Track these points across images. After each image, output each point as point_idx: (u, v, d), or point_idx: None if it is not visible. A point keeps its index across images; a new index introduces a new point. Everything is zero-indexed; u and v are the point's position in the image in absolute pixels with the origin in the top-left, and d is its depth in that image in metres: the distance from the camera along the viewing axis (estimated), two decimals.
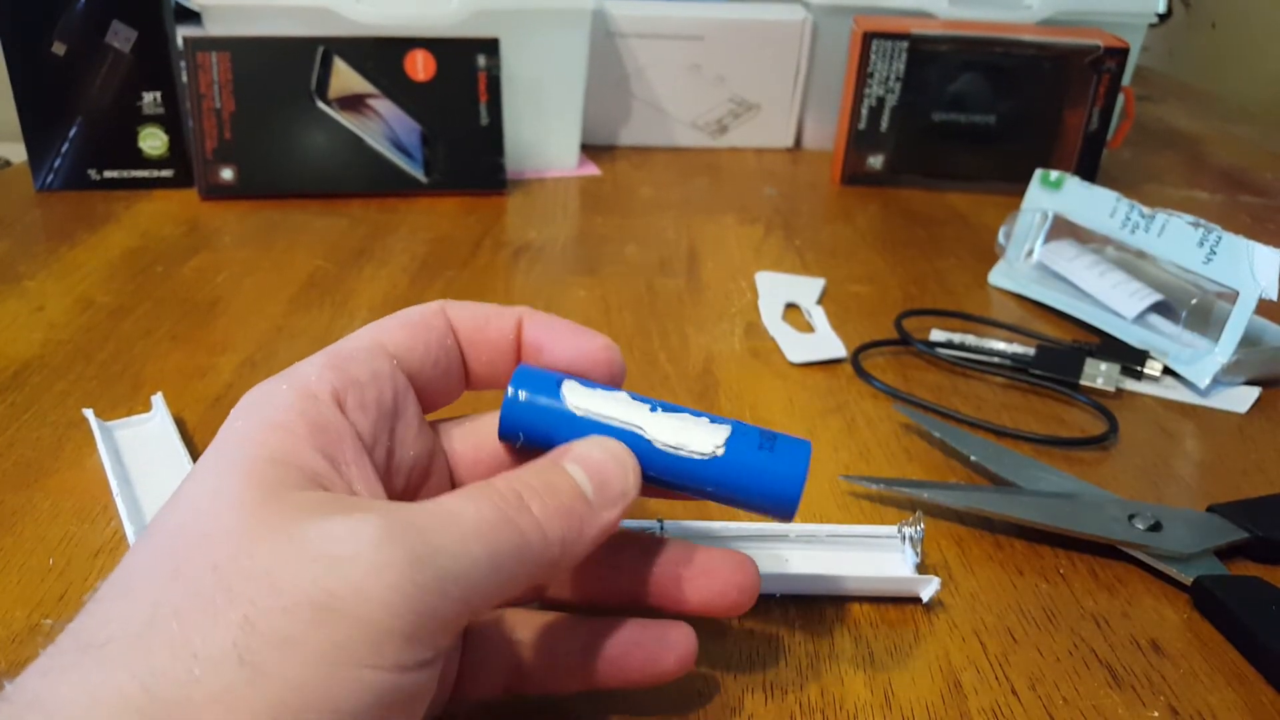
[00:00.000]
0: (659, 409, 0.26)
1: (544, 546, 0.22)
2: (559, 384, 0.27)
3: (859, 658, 0.31)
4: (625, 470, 0.25)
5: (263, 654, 0.18)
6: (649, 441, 0.26)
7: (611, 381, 0.28)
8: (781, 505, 0.26)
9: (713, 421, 0.27)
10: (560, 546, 0.23)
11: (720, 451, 0.26)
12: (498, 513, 0.22)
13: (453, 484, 0.28)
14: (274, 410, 0.23)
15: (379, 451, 0.24)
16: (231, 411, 0.23)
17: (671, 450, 0.26)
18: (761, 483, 0.26)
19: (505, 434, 0.27)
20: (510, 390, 0.26)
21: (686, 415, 0.27)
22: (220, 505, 0.20)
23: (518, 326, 0.28)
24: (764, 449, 0.26)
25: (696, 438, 0.26)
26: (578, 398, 0.26)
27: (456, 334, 0.27)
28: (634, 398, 0.27)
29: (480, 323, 0.27)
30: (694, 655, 0.27)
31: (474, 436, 0.28)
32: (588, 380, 0.27)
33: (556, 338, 0.27)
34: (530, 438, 0.26)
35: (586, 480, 0.24)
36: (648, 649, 0.27)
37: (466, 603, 0.20)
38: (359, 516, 0.20)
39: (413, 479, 0.26)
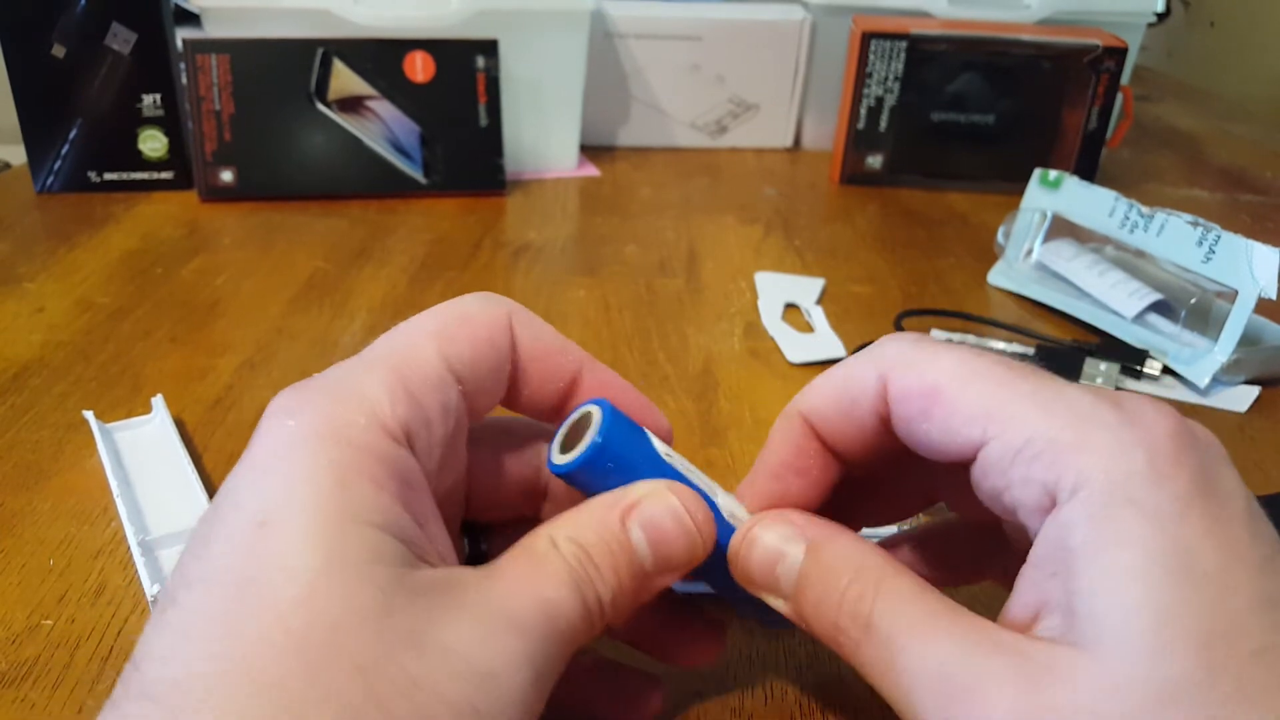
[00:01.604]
0: (721, 490, 0.26)
1: (600, 617, 0.22)
2: (643, 431, 0.25)
3: None
4: (692, 539, 0.23)
5: None
6: (718, 509, 0.25)
7: None
8: (778, 619, 0.25)
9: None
10: (610, 610, 0.22)
11: None
12: (576, 595, 0.21)
13: (466, 492, 0.27)
14: (360, 455, 0.20)
15: (436, 487, 0.23)
16: (284, 428, 0.21)
17: (731, 521, 0.25)
18: None
19: (574, 467, 0.24)
20: (605, 424, 0.24)
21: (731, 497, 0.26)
22: (346, 585, 0.18)
23: (577, 373, 0.26)
24: None
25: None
26: (663, 450, 0.25)
27: (516, 353, 0.25)
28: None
29: (541, 352, 0.25)
30: (722, 648, 0.27)
31: (499, 445, 0.27)
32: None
33: (618, 398, 0.26)
34: (603, 479, 0.24)
35: (648, 551, 0.23)
36: (624, 702, 0.27)
37: (544, 689, 0.21)
38: (495, 627, 0.20)
39: (440, 502, 0.25)
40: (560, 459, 0.24)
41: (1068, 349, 0.50)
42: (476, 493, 0.26)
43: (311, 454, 0.20)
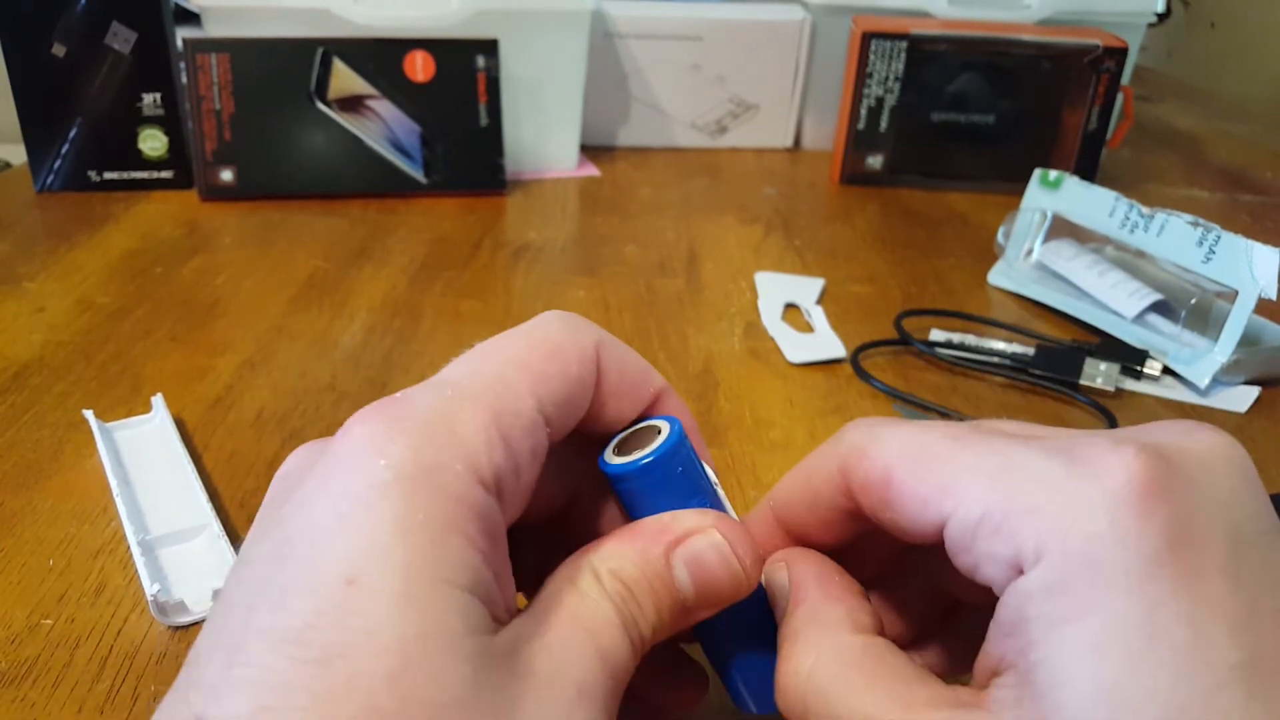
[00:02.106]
0: None
1: (642, 651, 0.22)
2: (702, 463, 0.25)
3: None
4: (736, 579, 0.23)
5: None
6: None
7: None
8: (751, 699, 0.25)
9: None
10: (649, 644, 0.22)
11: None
12: (625, 639, 0.21)
13: None
14: (454, 508, 0.19)
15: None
16: (374, 467, 0.19)
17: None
18: (755, 665, 0.24)
19: (628, 471, 0.23)
20: (673, 441, 0.23)
21: None
22: (439, 661, 0.17)
23: (655, 399, 0.25)
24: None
25: None
26: (715, 479, 0.25)
27: (600, 383, 0.23)
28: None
29: (624, 383, 0.24)
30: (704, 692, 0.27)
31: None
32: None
33: (691, 432, 0.25)
34: (652, 493, 0.24)
35: (691, 589, 0.22)
36: (669, 686, 0.26)
37: None
38: (569, 696, 0.19)
39: None
40: (616, 459, 0.24)
41: (1067, 349, 0.50)
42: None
43: (404, 501, 0.18)
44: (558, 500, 0.26)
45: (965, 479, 0.21)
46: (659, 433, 0.24)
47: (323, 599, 0.17)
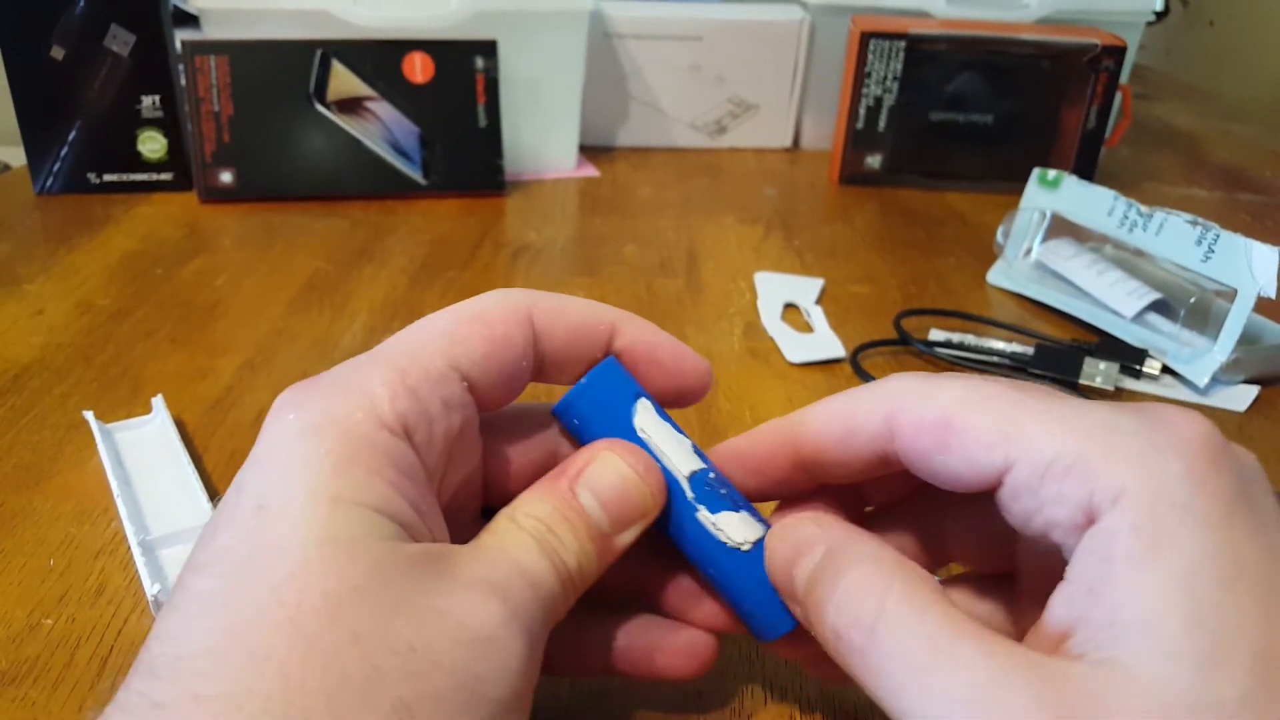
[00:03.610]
0: (712, 473, 0.26)
1: (572, 584, 0.23)
2: (635, 397, 0.25)
3: None
4: (644, 492, 0.24)
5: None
6: (689, 503, 0.25)
7: (690, 400, 0.27)
8: (767, 625, 0.25)
9: (753, 516, 0.26)
10: (579, 576, 0.23)
11: (746, 548, 0.25)
12: (547, 561, 0.22)
13: (482, 483, 0.27)
14: (357, 445, 0.21)
15: (439, 482, 0.23)
16: (285, 422, 0.21)
17: (703, 522, 0.25)
18: (761, 596, 0.25)
19: (558, 412, 0.26)
20: (585, 381, 0.25)
21: (731, 495, 0.26)
22: (339, 558, 0.19)
23: (610, 336, 0.26)
24: None
25: (732, 523, 0.25)
26: (646, 421, 0.25)
27: (539, 342, 0.25)
28: (695, 451, 0.26)
29: (570, 335, 0.25)
30: (713, 660, 0.27)
31: (515, 431, 0.27)
32: (662, 408, 0.26)
33: (654, 351, 0.26)
34: (578, 432, 0.26)
35: (600, 511, 0.23)
36: (671, 653, 0.26)
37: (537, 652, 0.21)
38: (483, 592, 0.20)
39: (456, 492, 0.25)
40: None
41: (1067, 348, 0.50)
42: (494, 479, 0.26)
43: (309, 444, 0.20)
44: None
45: (1033, 423, 0.21)
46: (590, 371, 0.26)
47: (238, 526, 0.20)
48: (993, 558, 0.25)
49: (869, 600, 0.21)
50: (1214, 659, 0.17)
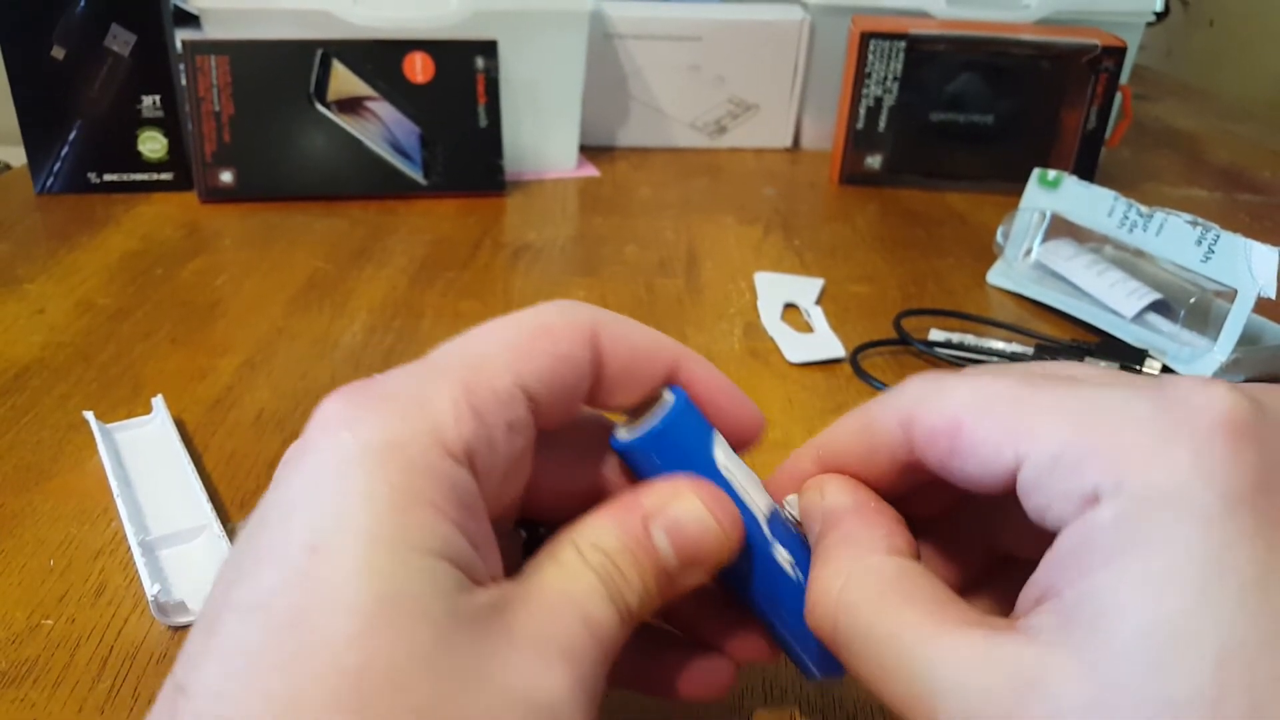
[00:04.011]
0: (781, 510, 0.25)
1: (631, 622, 0.22)
2: (710, 432, 0.24)
3: None
4: (717, 540, 0.23)
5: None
6: (765, 540, 0.24)
7: (741, 449, 0.26)
8: (824, 662, 0.24)
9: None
10: (638, 615, 0.22)
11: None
12: (612, 608, 0.21)
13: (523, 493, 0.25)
14: (421, 478, 0.19)
15: (494, 506, 0.22)
16: (339, 441, 0.19)
17: (778, 560, 0.24)
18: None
19: (627, 449, 0.24)
20: (667, 420, 0.24)
21: (796, 531, 0.25)
22: (402, 621, 0.18)
23: (671, 369, 0.25)
24: None
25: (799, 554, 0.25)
26: (727, 458, 0.24)
27: (602, 364, 0.23)
28: (761, 487, 0.25)
29: (630, 359, 0.24)
30: (730, 686, 0.26)
31: (563, 444, 0.25)
32: (730, 447, 0.25)
33: (714, 393, 0.25)
34: (649, 465, 0.24)
35: (673, 554, 0.22)
36: (697, 678, 0.26)
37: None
38: (548, 657, 0.19)
39: (504, 509, 0.24)
40: (621, 435, 0.24)
41: (1067, 349, 0.50)
42: (536, 493, 0.25)
43: (368, 474, 0.19)
44: (596, 494, 0.26)
45: (1042, 420, 0.20)
46: (662, 403, 0.24)
47: (287, 567, 0.18)
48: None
49: (872, 586, 0.22)
50: (1169, 659, 0.17)
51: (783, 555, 0.24)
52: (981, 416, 0.21)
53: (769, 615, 0.25)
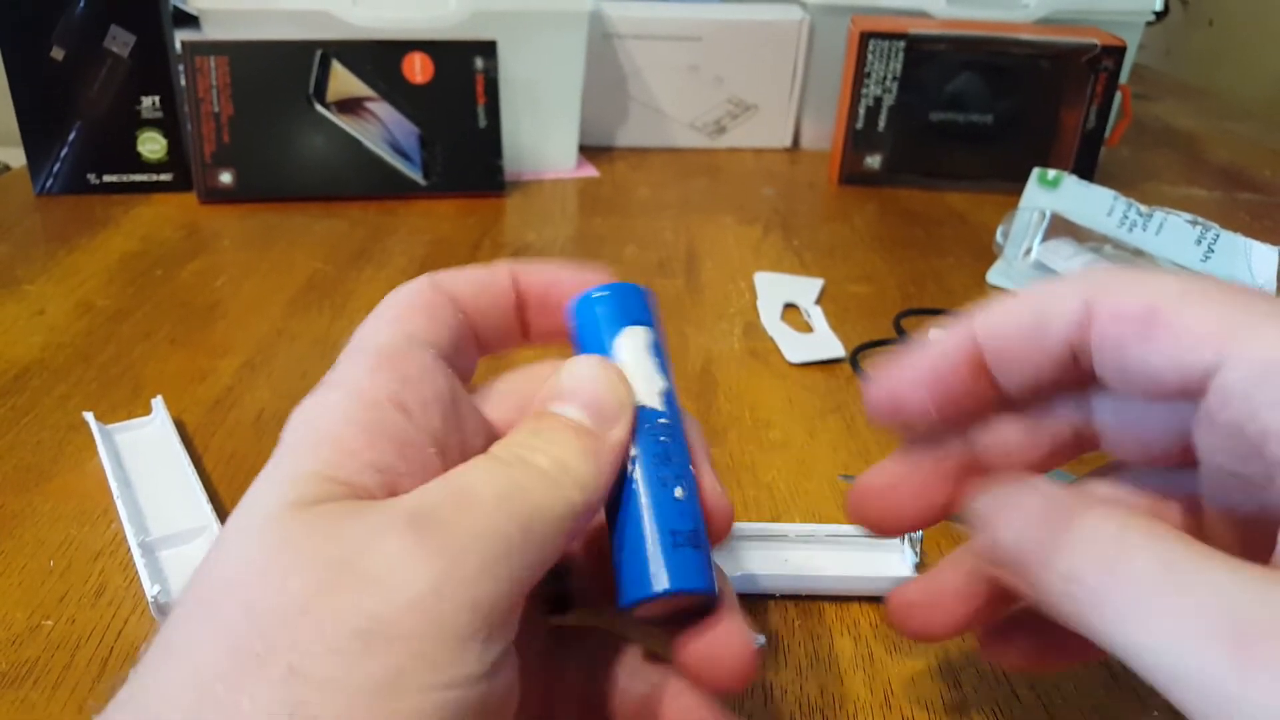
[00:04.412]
0: (664, 419, 0.24)
1: (564, 496, 0.21)
2: (629, 323, 0.25)
3: (859, 658, 0.31)
4: (615, 386, 0.23)
5: (315, 705, 0.16)
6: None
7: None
8: (639, 581, 0.22)
9: (686, 482, 0.23)
10: (579, 488, 0.21)
11: (648, 496, 0.22)
12: (510, 480, 0.20)
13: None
14: (324, 422, 0.20)
15: (452, 448, 0.22)
16: (283, 429, 0.21)
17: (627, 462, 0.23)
18: (646, 550, 0.22)
19: (571, 309, 0.25)
20: (581, 299, 0.25)
21: (672, 451, 0.23)
22: (246, 537, 0.18)
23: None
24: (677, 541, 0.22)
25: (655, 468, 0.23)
26: (627, 352, 0.24)
27: (521, 296, 0.25)
28: (666, 397, 0.24)
29: (546, 285, 0.25)
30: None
31: (514, 395, 0.25)
32: (660, 347, 0.25)
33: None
34: (574, 339, 0.25)
35: (580, 413, 0.22)
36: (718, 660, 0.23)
37: (515, 581, 0.19)
38: (378, 522, 0.18)
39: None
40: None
41: None
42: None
43: (287, 434, 0.21)
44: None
45: (1255, 320, 0.18)
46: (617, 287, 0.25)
47: (215, 541, 0.20)
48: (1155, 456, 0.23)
49: (1109, 540, 0.19)
50: None
51: (636, 455, 0.23)
52: (1184, 306, 0.19)
53: (610, 521, 0.23)
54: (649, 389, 0.24)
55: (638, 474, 0.23)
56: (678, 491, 0.22)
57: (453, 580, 0.18)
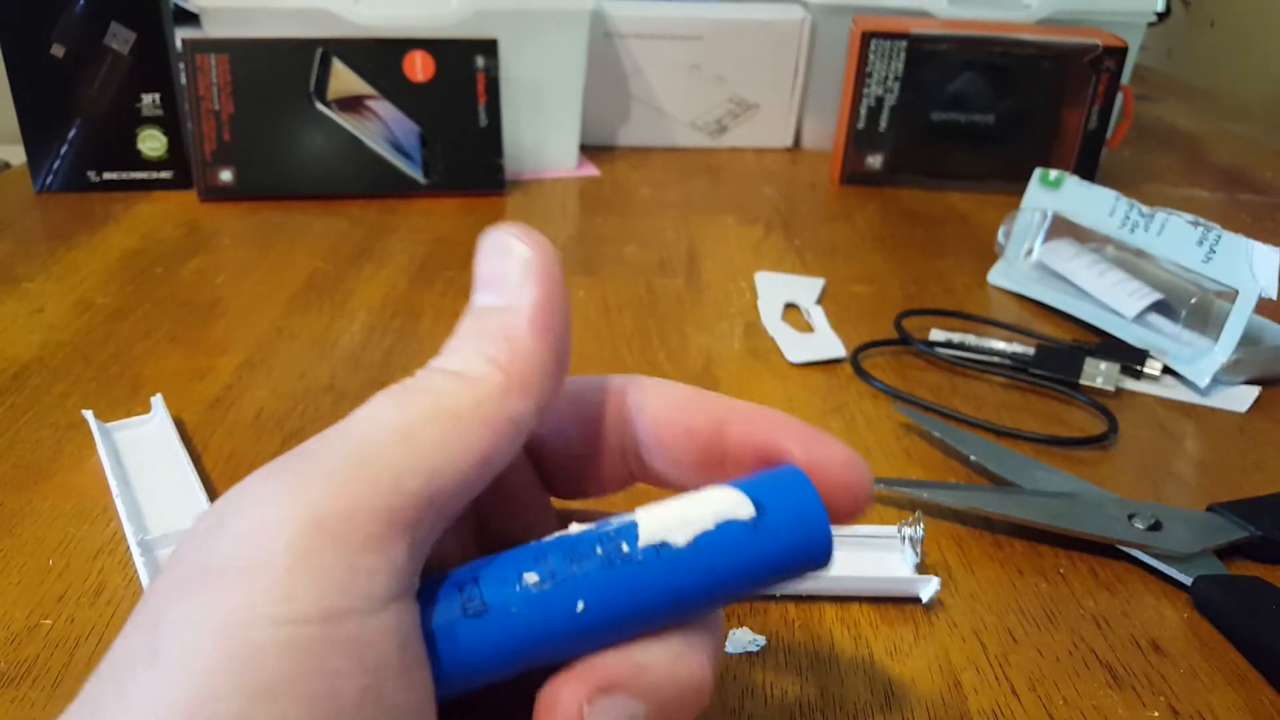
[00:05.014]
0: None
1: (481, 382, 0.19)
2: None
3: (859, 658, 0.31)
4: (544, 259, 0.22)
5: (168, 645, 0.15)
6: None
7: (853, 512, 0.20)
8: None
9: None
10: (495, 368, 0.19)
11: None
12: (402, 386, 0.19)
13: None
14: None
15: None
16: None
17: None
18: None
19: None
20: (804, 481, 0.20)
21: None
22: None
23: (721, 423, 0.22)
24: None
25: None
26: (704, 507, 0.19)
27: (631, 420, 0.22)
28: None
29: (669, 411, 0.22)
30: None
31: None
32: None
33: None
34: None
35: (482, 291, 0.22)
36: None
37: (402, 492, 0.17)
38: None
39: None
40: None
41: (1068, 349, 0.50)
42: (560, 471, 0.23)
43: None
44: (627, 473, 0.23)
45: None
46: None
47: None
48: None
49: None
50: None
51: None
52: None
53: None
54: (677, 531, 0.19)
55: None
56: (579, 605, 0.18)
57: (307, 503, 0.16)
